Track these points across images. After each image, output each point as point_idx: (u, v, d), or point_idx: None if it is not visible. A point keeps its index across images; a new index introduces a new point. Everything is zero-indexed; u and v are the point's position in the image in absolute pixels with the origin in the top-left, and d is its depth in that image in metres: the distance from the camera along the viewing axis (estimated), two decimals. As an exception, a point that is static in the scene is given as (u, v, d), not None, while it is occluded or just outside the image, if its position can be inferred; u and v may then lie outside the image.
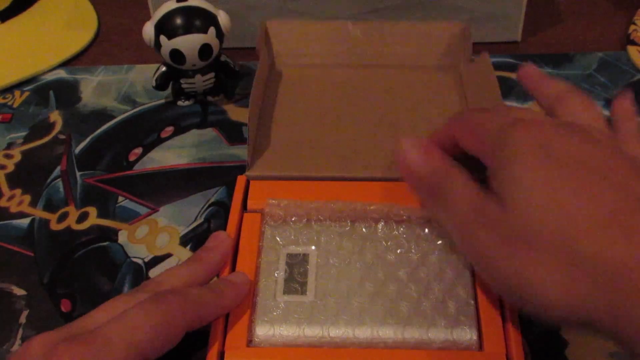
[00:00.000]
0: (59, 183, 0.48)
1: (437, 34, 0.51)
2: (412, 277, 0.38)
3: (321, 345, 0.35)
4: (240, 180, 0.42)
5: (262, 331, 0.36)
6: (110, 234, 0.45)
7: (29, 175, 0.49)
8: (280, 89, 0.50)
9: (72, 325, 0.33)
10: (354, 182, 0.41)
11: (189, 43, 0.48)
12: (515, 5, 0.55)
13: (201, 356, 0.34)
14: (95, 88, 0.56)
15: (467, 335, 0.35)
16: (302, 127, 0.47)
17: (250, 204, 0.41)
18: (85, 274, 0.43)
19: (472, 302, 0.37)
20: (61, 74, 0.57)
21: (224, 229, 0.39)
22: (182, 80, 0.51)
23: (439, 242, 0.39)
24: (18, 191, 0.48)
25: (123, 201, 0.47)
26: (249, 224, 0.40)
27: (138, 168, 0.49)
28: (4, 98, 0.55)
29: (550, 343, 0.39)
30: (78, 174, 0.49)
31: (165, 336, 0.32)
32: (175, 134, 0.52)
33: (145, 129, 0.52)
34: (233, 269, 0.38)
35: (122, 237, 0.45)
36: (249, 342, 0.35)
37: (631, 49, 0.56)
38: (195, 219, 0.45)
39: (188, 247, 0.44)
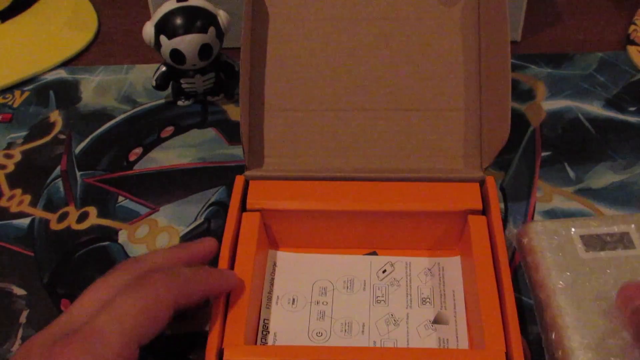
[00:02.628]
0: (59, 183, 0.48)
1: None
2: None
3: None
4: (239, 180, 0.42)
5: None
6: (111, 234, 0.45)
7: (29, 175, 0.49)
8: (270, 32, 0.45)
9: (64, 320, 0.32)
10: (353, 182, 0.41)
11: (189, 43, 0.48)
12: (515, 5, 0.55)
13: (201, 355, 0.34)
14: (95, 88, 0.56)
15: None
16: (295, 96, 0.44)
17: (249, 204, 0.41)
18: (85, 273, 0.43)
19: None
20: (61, 74, 0.57)
21: (224, 228, 0.39)
22: (182, 80, 0.51)
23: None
24: (18, 191, 0.48)
25: (123, 201, 0.47)
26: (248, 224, 0.40)
27: (138, 168, 0.49)
28: (4, 98, 0.55)
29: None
30: (78, 173, 0.49)
31: (155, 317, 0.32)
32: (175, 134, 0.52)
33: (145, 129, 0.52)
34: (232, 267, 0.38)
35: (122, 237, 0.45)
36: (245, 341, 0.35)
37: (631, 49, 0.56)
38: (195, 219, 0.45)
39: (188, 247, 0.44)
